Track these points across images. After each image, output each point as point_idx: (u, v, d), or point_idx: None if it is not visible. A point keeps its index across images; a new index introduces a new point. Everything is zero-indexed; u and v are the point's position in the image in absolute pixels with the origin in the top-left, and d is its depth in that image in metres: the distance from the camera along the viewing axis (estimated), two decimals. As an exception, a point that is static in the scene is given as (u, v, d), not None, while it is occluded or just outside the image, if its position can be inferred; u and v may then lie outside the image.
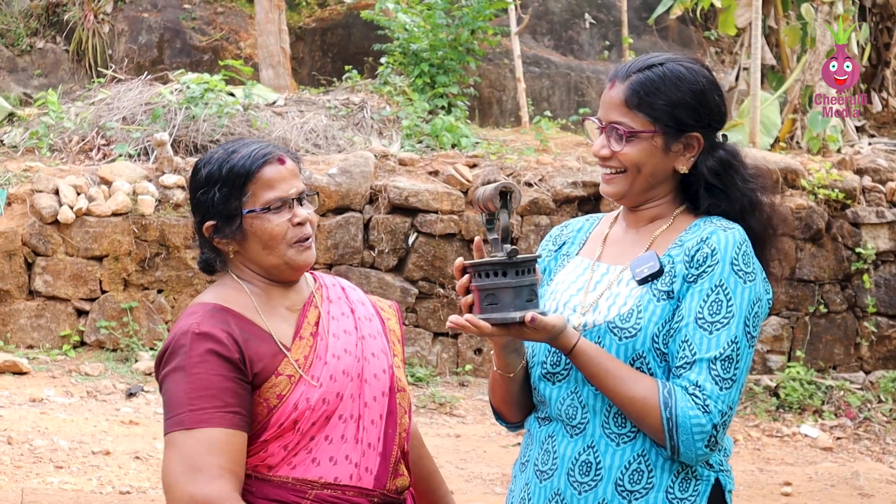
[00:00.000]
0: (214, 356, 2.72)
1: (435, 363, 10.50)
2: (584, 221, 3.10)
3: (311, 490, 2.81)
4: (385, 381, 2.98)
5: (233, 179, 2.83)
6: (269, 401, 2.78)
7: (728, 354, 2.66)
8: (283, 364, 2.81)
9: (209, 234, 2.88)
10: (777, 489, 8.39)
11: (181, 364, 2.72)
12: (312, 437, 2.81)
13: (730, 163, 2.84)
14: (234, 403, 2.70)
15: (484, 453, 8.67)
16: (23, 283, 9.96)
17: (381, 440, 2.92)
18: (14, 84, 15.18)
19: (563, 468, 2.80)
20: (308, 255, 2.89)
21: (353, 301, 3.07)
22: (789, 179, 11.16)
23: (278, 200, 2.85)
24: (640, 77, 2.80)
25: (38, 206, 9.89)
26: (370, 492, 2.88)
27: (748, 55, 13.53)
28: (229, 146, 2.91)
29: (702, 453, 2.65)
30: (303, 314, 2.92)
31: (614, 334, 2.74)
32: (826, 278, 11.09)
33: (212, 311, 2.81)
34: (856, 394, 10.60)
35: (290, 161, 2.91)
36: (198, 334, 2.74)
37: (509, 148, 11.93)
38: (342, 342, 2.93)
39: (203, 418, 2.66)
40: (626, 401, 2.69)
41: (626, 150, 2.79)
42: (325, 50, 16.20)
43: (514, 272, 2.66)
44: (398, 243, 10.44)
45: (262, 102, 12.46)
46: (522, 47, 14.89)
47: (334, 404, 2.84)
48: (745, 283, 2.70)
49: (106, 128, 11.48)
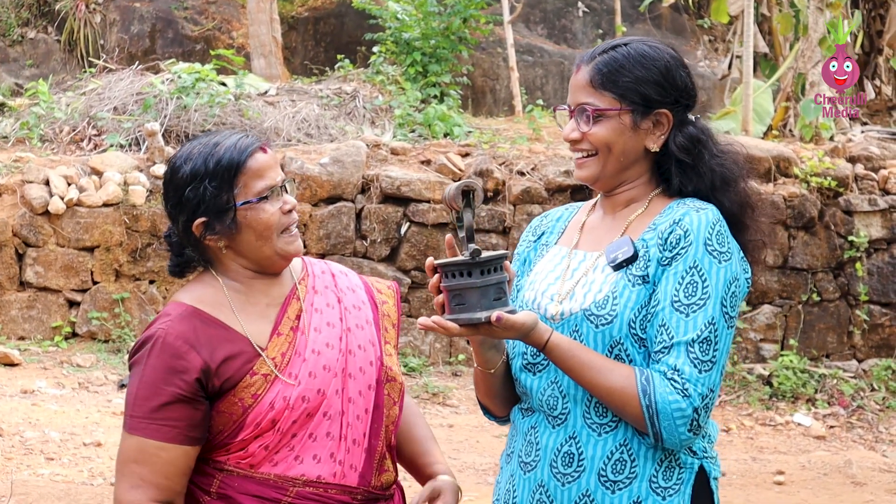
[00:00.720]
0: (170, 369, 2.72)
1: (428, 353, 10.49)
2: (564, 210, 3.09)
3: (292, 487, 2.79)
4: (372, 374, 2.93)
5: (222, 172, 2.79)
6: (244, 400, 2.75)
7: (706, 336, 2.63)
8: (258, 364, 2.78)
9: (200, 231, 2.81)
10: (770, 478, 8.39)
11: (140, 366, 2.75)
12: (294, 435, 2.79)
13: (699, 139, 2.83)
14: (172, 418, 2.71)
15: (477, 443, 8.66)
16: (14, 275, 9.93)
17: (366, 436, 2.89)
18: (5, 74, 15.13)
19: (546, 459, 2.78)
20: (298, 244, 2.87)
21: (341, 289, 3.01)
22: (782, 167, 11.15)
23: (269, 189, 2.82)
24: (605, 57, 2.81)
25: (28, 197, 9.86)
26: (353, 489, 2.85)
27: (741, 43, 13.51)
28: (207, 139, 2.86)
29: (685, 438, 2.63)
30: (283, 309, 2.88)
31: (591, 322, 2.72)
32: (819, 266, 11.08)
33: (183, 316, 2.78)
34: (849, 382, 10.59)
35: (269, 149, 2.89)
36: (160, 344, 2.74)
37: (502, 137, 11.90)
38: (324, 336, 2.88)
39: (138, 426, 2.72)
40: (604, 392, 2.67)
41: (595, 130, 2.79)
42: (318, 39, 16.15)
43: (480, 272, 2.63)
44: (390, 233, 10.42)
45: (254, 92, 12.43)
46: (515, 36, 14.86)
47: (316, 401, 2.80)
48: (720, 263, 2.67)
49: (97, 118, 11.45)
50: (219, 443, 2.78)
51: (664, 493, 2.71)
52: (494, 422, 3.08)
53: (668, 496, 2.71)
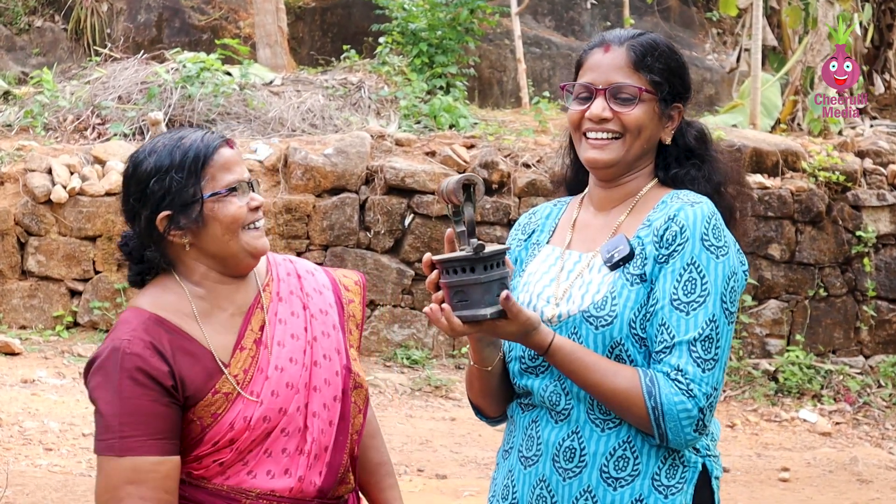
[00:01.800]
0: (145, 378, 2.63)
1: (431, 346, 10.43)
2: (552, 207, 3.02)
3: (245, 499, 2.74)
4: (338, 385, 2.88)
5: (189, 163, 2.70)
6: (203, 419, 2.69)
7: (707, 334, 2.59)
8: (220, 382, 2.71)
9: (163, 226, 2.71)
10: (775, 474, 8.33)
11: (112, 383, 2.64)
12: (250, 451, 2.74)
13: (706, 136, 2.86)
14: (162, 429, 2.64)
15: (479, 437, 8.61)
16: (15, 263, 9.90)
17: (328, 450, 2.83)
18: (12, 63, 15.10)
19: (548, 454, 2.73)
20: (264, 240, 2.79)
21: (307, 293, 2.93)
22: (790, 162, 11.08)
23: (237, 182, 2.74)
24: (642, 41, 2.78)
25: (30, 186, 9.82)
26: (308, 501, 2.80)
27: (749, 36, 13.43)
28: (171, 135, 2.78)
29: (691, 438, 2.59)
30: (246, 319, 2.80)
31: (590, 323, 2.66)
32: (826, 261, 11.01)
33: (146, 325, 2.69)
34: (855, 378, 10.54)
35: (234, 146, 2.82)
36: (129, 354, 2.64)
37: (508, 129, 11.84)
38: (287, 350, 2.81)
39: (131, 446, 2.61)
40: (608, 394, 2.62)
41: (635, 112, 2.74)
42: (325, 30, 16.11)
43: (482, 267, 2.55)
44: (394, 224, 10.36)
45: (259, 82, 12.39)
46: (523, 28, 14.80)
47: (276, 420, 2.75)
48: (717, 259, 2.63)
49: (101, 107, 11.41)
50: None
51: (667, 492, 2.66)
52: (486, 422, 3.02)
53: (671, 495, 2.66)
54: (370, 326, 10.31)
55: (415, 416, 9.08)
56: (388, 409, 9.17)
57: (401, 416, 9.01)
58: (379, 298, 10.34)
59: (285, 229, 10.14)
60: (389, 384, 9.63)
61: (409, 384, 9.69)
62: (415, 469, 7.73)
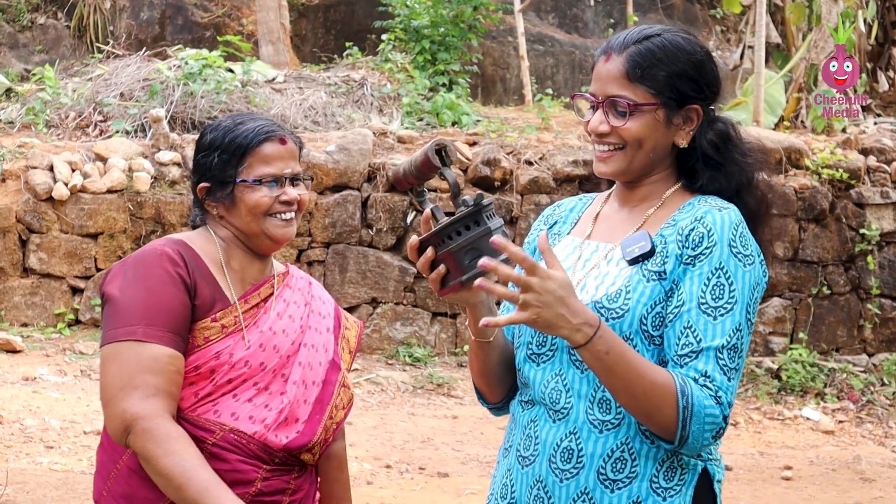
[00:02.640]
0: (175, 276, 2.86)
1: (433, 343, 10.42)
2: (578, 201, 3.00)
3: (220, 431, 2.87)
4: (320, 372, 3.08)
5: (233, 149, 2.98)
6: (196, 339, 2.88)
7: (734, 343, 2.55)
8: (221, 313, 2.92)
9: (202, 195, 3.03)
10: (778, 473, 8.32)
11: (140, 277, 2.85)
12: (224, 394, 2.90)
13: (728, 136, 2.75)
14: (181, 328, 2.83)
15: (481, 435, 8.59)
16: (17, 261, 9.88)
17: (300, 421, 3.00)
18: (15, 60, 15.09)
19: (545, 454, 2.70)
20: (288, 229, 3.02)
21: (313, 296, 3.19)
22: (793, 159, 11.05)
23: (271, 176, 2.99)
24: (640, 48, 2.69)
25: (32, 183, 9.81)
26: (272, 450, 2.94)
27: (753, 33, 13.41)
28: (239, 118, 3.06)
29: (707, 444, 2.55)
30: (257, 286, 3.05)
31: (601, 314, 2.62)
32: (829, 259, 10.99)
33: (177, 244, 2.94)
34: (859, 376, 10.51)
35: (290, 142, 3.05)
36: (162, 254, 2.87)
37: (510, 126, 11.83)
38: (282, 323, 3.03)
39: (156, 334, 2.78)
40: (648, 386, 2.51)
41: (629, 125, 2.67)
42: (328, 27, 16.10)
43: (485, 217, 2.53)
44: (396, 222, 10.35)
45: (262, 79, 12.37)
46: (526, 25, 14.78)
47: (255, 370, 2.93)
48: (745, 267, 2.58)
49: (103, 104, 11.40)
50: None
51: (665, 494, 2.63)
52: (488, 409, 3.00)
53: (669, 497, 2.63)
54: (372, 324, 10.30)
55: (417, 414, 9.07)
56: (390, 407, 9.16)
57: (403, 415, 8.99)
58: (381, 296, 10.32)
59: (287, 227, 10.12)
60: (391, 382, 9.62)
61: (411, 382, 9.67)
62: (416, 467, 7.71)
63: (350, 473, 7.85)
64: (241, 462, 2.88)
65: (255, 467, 2.90)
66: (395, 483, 7.36)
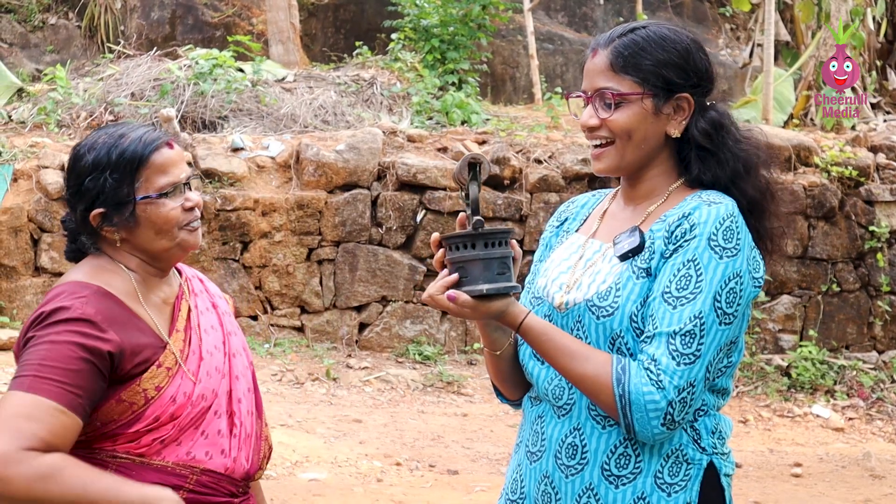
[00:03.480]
0: (87, 340, 2.60)
1: (443, 341, 10.44)
2: (590, 197, 3.01)
3: (192, 475, 2.76)
4: (249, 378, 2.97)
5: (124, 165, 2.74)
6: (148, 392, 2.69)
7: (689, 329, 2.53)
8: (163, 355, 2.74)
9: (97, 222, 2.77)
10: (787, 470, 8.32)
11: (51, 333, 2.60)
12: (186, 432, 2.76)
13: (721, 123, 2.73)
14: (80, 386, 2.57)
15: (491, 433, 8.61)
16: (29, 260, 9.92)
17: (251, 436, 2.91)
18: (26, 60, 15.14)
19: (551, 450, 2.72)
20: (198, 236, 2.85)
21: (213, 295, 3.04)
22: (802, 157, 11.06)
23: (171, 185, 2.78)
24: (624, 40, 2.71)
25: (44, 182, 9.85)
26: (238, 482, 2.86)
27: (762, 31, 13.41)
28: (114, 130, 2.81)
29: (658, 432, 2.54)
30: (176, 306, 2.87)
31: (592, 313, 2.65)
32: (839, 257, 10.99)
33: (99, 296, 2.70)
34: (868, 374, 10.51)
35: (177, 145, 2.84)
36: (81, 315, 2.63)
37: (520, 125, 11.84)
38: (212, 339, 2.90)
39: (43, 387, 2.52)
40: (578, 378, 2.60)
41: (616, 116, 2.68)
42: (338, 26, 16.12)
43: (483, 244, 2.58)
44: (406, 220, 10.37)
45: (271, 78, 12.41)
46: (536, 24, 14.79)
47: (210, 400, 2.81)
48: (720, 259, 2.57)
49: (114, 104, 11.45)
50: (107, 432, 2.70)
51: (669, 490, 2.63)
52: (507, 405, 3.02)
53: (674, 492, 2.63)
54: (382, 322, 10.33)
55: (427, 411, 9.09)
56: (400, 404, 9.19)
57: (413, 412, 9.02)
58: (391, 294, 10.35)
59: (297, 225, 10.16)
60: (401, 380, 9.65)
61: (420, 380, 9.70)
62: (426, 464, 7.74)
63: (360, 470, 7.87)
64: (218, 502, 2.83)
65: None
66: (406, 480, 7.38)
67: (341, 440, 8.07)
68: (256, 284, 10.17)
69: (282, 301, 10.25)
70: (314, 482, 7.13)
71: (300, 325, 10.32)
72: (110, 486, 2.55)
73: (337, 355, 10.04)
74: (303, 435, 7.98)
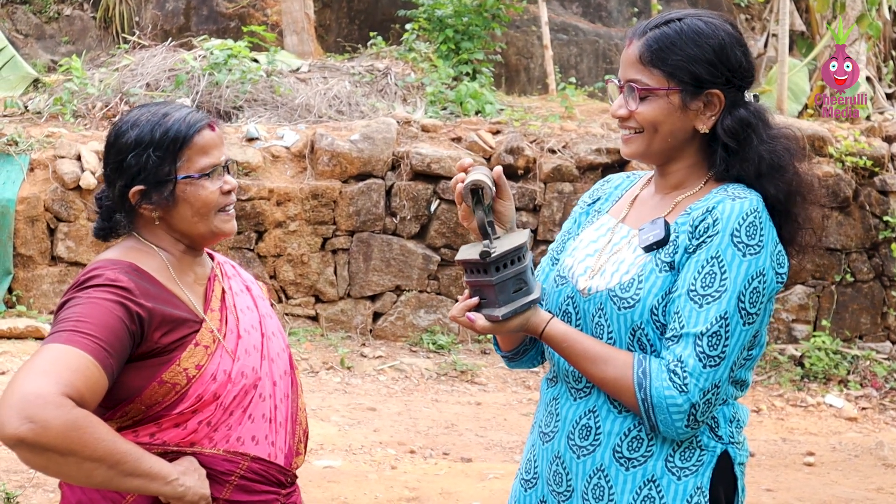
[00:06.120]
0: (120, 299, 2.59)
1: (457, 331, 10.47)
2: (625, 178, 3.02)
3: (243, 461, 2.75)
4: (285, 360, 2.96)
5: (168, 143, 2.75)
6: (189, 371, 2.68)
7: (716, 331, 2.54)
8: (200, 333, 2.73)
9: (136, 199, 2.77)
10: (800, 459, 8.33)
11: (88, 295, 2.59)
12: (232, 413, 2.75)
13: (749, 122, 2.70)
14: (114, 347, 2.53)
15: (504, 421, 8.64)
16: (45, 249, 9.98)
17: (287, 420, 2.91)
18: (42, 51, 15.20)
19: (564, 431, 2.75)
20: (233, 223, 2.86)
21: (245, 279, 3.04)
22: (816, 147, 11.04)
23: (211, 167, 2.79)
24: (657, 33, 2.69)
25: (60, 172, 9.90)
26: (286, 470, 2.86)
27: (777, 21, 13.38)
28: (157, 108, 2.81)
29: (682, 432, 2.57)
30: (209, 287, 2.87)
31: (614, 303, 2.66)
32: (853, 247, 10.98)
33: (130, 271, 2.68)
34: (882, 364, 10.50)
35: (218, 128, 2.86)
36: (115, 281, 2.62)
37: (534, 115, 11.84)
38: (248, 318, 2.89)
39: (80, 340, 2.48)
40: (599, 381, 2.65)
41: (642, 109, 2.69)
42: (352, 17, 16.13)
43: (494, 269, 2.58)
44: (420, 210, 10.40)
45: (286, 69, 12.43)
46: (550, 14, 14.78)
47: (252, 379, 2.80)
48: (743, 256, 2.57)
49: (129, 94, 11.48)
50: (152, 415, 2.68)
51: (680, 473, 2.65)
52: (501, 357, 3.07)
53: (684, 476, 2.65)
54: (396, 312, 10.36)
55: (440, 400, 9.12)
56: (414, 393, 9.22)
57: (427, 401, 9.05)
58: (405, 284, 10.38)
59: (312, 215, 10.19)
60: (415, 369, 9.68)
61: (434, 369, 9.73)
62: (440, 452, 7.76)
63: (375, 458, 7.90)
64: (266, 492, 2.81)
65: (276, 495, 2.83)
66: (420, 468, 7.41)
67: (355, 428, 8.11)
68: (271, 274, 10.21)
69: (296, 290, 10.29)
70: (329, 469, 7.17)
71: (315, 315, 10.36)
72: (133, 450, 2.52)
73: (351, 344, 10.08)
74: (317, 423, 8.02)
